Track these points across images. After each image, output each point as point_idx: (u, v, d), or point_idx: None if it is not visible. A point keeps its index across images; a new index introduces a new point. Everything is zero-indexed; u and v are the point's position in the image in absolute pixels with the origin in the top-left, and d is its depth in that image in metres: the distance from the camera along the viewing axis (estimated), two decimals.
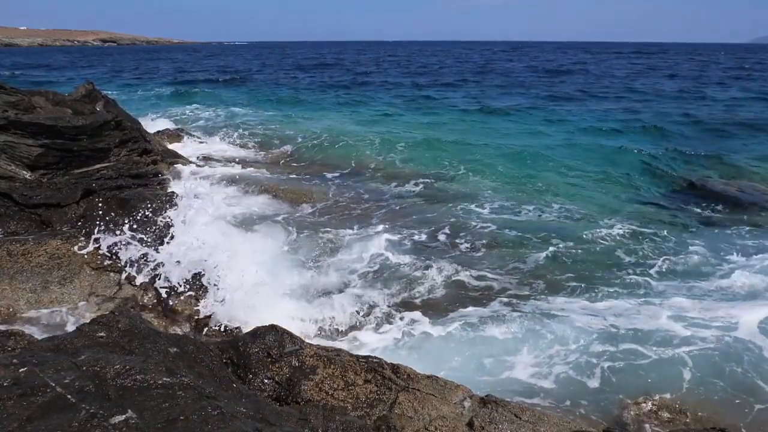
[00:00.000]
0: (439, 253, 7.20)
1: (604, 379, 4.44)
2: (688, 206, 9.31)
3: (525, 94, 24.94)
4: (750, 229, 8.07)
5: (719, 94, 25.05)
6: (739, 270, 6.46)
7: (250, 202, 8.63)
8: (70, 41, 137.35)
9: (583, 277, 6.45)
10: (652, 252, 7.20)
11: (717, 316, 5.33)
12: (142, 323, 3.67)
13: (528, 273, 6.57)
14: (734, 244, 7.49)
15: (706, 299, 5.82)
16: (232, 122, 16.78)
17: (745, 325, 5.09)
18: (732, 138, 15.05)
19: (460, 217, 8.38)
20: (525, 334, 5.01)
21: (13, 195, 6.70)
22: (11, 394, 2.59)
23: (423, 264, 6.72)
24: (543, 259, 6.93)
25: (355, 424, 3.51)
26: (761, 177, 11.23)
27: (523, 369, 4.56)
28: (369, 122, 17.96)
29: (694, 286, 6.20)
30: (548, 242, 7.46)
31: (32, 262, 5.84)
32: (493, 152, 13.10)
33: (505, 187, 10.14)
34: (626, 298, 5.86)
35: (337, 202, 9.18)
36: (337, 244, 7.12)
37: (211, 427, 2.57)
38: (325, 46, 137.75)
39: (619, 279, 6.43)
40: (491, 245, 7.37)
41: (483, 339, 4.98)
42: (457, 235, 7.74)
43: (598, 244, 7.44)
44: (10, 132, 6.95)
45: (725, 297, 5.92)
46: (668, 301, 5.72)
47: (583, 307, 5.59)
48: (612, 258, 7.02)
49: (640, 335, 4.96)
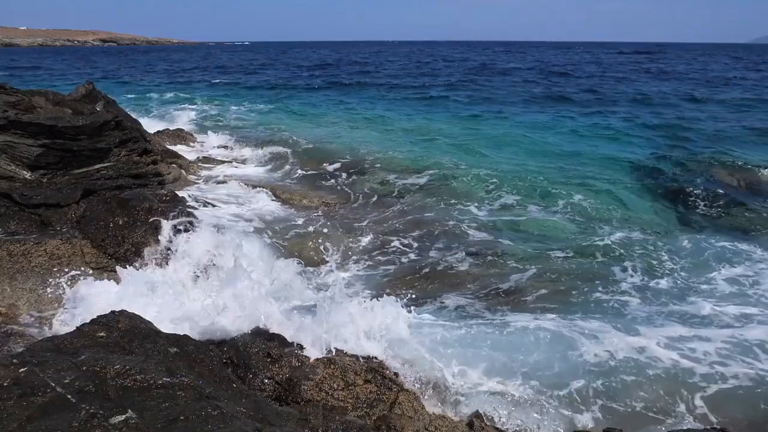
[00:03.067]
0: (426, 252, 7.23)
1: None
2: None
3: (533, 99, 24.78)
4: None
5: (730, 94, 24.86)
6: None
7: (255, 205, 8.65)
8: (70, 41, 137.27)
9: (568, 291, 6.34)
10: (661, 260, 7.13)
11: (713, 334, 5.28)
12: (142, 323, 3.67)
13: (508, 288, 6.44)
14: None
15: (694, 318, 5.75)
16: (231, 122, 16.78)
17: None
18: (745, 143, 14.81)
19: (453, 220, 8.37)
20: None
21: (13, 195, 6.70)
22: (11, 394, 2.59)
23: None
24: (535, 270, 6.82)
25: (355, 424, 3.52)
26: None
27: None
28: (369, 122, 17.96)
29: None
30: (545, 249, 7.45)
31: (32, 262, 5.84)
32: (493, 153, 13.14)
33: (500, 189, 10.14)
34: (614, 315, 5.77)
35: (336, 204, 9.22)
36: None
37: (211, 427, 2.57)
38: (325, 47, 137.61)
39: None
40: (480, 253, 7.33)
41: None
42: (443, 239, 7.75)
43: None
44: (10, 132, 6.96)
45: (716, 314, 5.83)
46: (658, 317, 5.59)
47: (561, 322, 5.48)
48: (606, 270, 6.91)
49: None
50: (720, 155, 12.58)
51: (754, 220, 8.76)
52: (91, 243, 6.29)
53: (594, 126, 17.14)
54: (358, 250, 7.34)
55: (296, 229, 7.73)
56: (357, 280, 6.52)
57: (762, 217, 8.87)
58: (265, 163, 11.85)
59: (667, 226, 8.63)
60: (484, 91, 27.58)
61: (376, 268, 6.85)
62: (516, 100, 23.64)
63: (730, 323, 5.49)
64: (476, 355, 4.74)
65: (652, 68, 44.06)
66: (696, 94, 24.92)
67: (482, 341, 4.96)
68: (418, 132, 15.82)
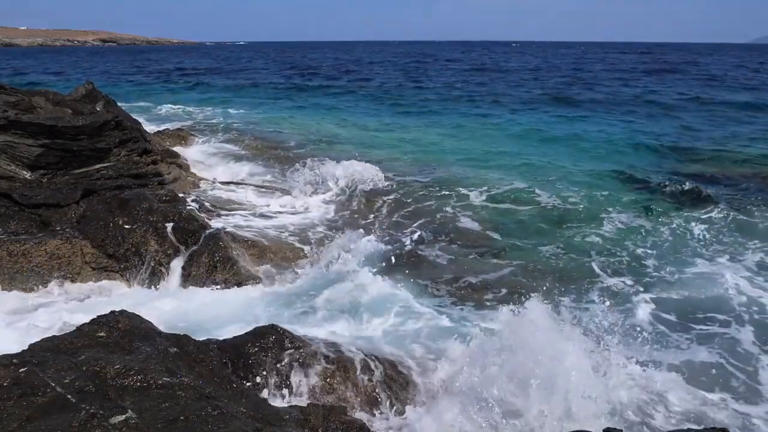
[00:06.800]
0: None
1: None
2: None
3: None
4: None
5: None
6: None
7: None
8: (70, 41, 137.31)
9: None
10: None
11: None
12: (142, 323, 3.67)
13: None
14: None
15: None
16: (231, 122, 16.77)
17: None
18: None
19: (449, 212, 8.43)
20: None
21: (13, 195, 6.70)
22: (11, 394, 2.59)
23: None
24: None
25: (355, 424, 3.51)
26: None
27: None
28: (368, 122, 17.98)
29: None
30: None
31: (32, 262, 5.84)
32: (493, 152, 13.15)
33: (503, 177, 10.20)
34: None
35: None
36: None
37: (211, 427, 2.57)
38: (325, 47, 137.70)
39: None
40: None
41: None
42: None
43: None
44: (10, 132, 6.95)
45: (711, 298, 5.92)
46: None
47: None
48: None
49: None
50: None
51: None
52: (91, 243, 6.29)
53: (594, 127, 17.12)
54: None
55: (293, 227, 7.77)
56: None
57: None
58: (262, 163, 11.82)
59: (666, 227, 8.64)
60: (487, 90, 27.63)
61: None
62: (516, 101, 23.62)
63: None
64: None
65: (653, 68, 44.02)
66: (700, 95, 24.85)
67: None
68: (418, 133, 15.86)
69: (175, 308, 5.36)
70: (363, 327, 5.16)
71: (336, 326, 5.13)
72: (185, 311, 5.32)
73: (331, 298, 5.64)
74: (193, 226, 6.50)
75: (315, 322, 5.23)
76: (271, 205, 8.78)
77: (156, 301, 5.51)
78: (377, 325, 5.19)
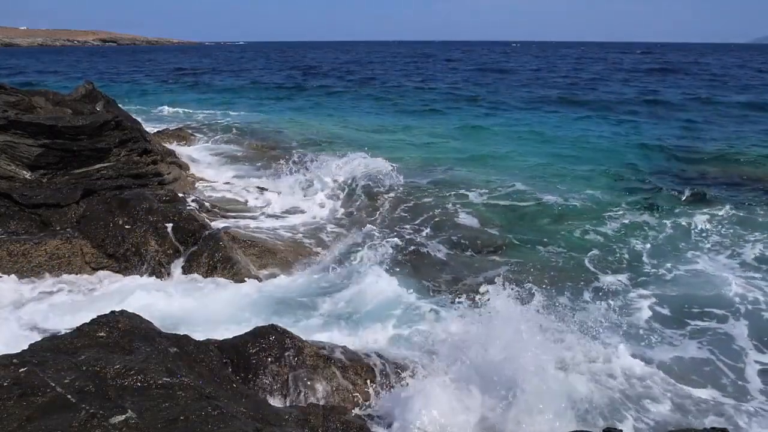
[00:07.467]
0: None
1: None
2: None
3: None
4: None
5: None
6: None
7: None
8: (70, 41, 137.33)
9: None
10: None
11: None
12: (142, 323, 3.66)
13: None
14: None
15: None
16: (231, 122, 16.77)
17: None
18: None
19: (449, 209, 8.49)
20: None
21: (13, 195, 6.70)
22: (11, 394, 2.59)
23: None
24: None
25: (355, 424, 3.51)
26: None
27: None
28: (369, 122, 17.99)
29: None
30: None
31: (32, 262, 5.84)
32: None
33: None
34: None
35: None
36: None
37: (211, 427, 2.57)
38: (325, 47, 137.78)
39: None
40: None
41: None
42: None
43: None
44: (10, 132, 6.95)
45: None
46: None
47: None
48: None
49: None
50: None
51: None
52: (91, 243, 6.29)
53: (595, 127, 17.14)
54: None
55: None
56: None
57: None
58: (261, 164, 11.82)
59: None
60: (487, 90, 27.63)
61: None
62: (518, 101, 23.62)
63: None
64: None
65: (654, 68, 44.00)
66: (702, 94, 24.82)
67: None
68: (417, 133, 15.86)
69: (175, 308, 5.35)
70: (363, 327, 5.16)
71: (336, 326, 5.14)
72: (185, 311, 5.32)
73: (331, 298, 5.64)
74: (193, 226, 6.50)
75: (315, 321, 5.24)
76: (272, 205, 8.79)
77: (156, 301, 5.50)
78: (377, 324, 5.19)
